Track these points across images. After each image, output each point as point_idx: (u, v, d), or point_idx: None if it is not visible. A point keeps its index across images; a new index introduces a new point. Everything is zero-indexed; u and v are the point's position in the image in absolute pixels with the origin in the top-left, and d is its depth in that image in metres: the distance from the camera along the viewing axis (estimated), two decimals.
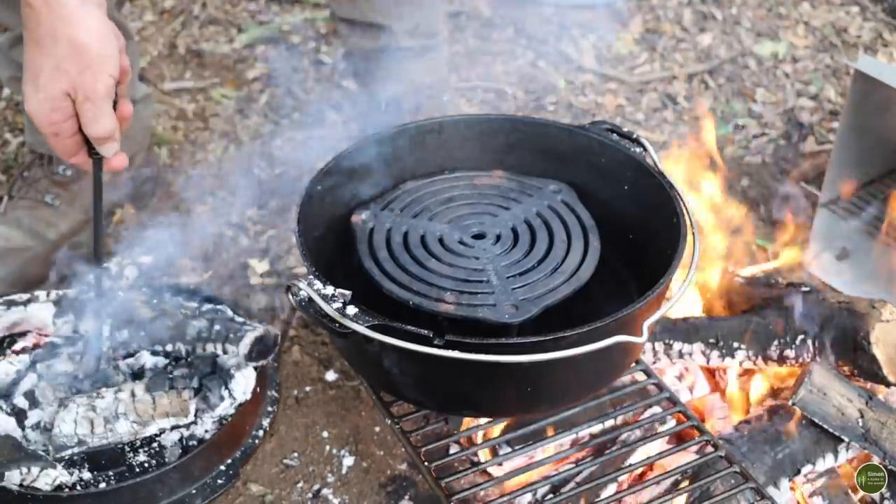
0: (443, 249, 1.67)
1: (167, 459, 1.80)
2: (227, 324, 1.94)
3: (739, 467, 1.65)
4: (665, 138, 2.86)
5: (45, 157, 2.35)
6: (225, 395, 1.87)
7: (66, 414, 1.75)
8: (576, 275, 1.63)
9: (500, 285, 1.59)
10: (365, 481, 1.93)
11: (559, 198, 1.79)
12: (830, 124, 2.93)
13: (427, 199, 1.80)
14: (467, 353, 1.38)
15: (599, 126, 1.82)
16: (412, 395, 1.60)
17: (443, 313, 1.51)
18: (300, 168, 2.69)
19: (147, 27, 3.28)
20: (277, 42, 3.23)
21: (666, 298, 1.57)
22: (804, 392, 1.75)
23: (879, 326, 1.80)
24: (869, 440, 1.74)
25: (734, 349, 1.91)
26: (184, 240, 2.45)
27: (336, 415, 2.04)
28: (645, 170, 1.73)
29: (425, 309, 1.51)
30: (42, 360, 1.91)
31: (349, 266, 1.77)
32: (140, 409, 1.79)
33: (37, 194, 2.34)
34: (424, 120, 1.86)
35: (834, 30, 3.36)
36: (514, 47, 3.26)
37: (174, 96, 3.00)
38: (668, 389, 1.78)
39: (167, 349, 1.93)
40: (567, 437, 1.72)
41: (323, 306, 1.41)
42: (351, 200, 1.78)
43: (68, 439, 1.73)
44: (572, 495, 1.66)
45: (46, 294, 2.01)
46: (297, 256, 2.44)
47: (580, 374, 1.54)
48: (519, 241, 1.70)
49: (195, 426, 1.85)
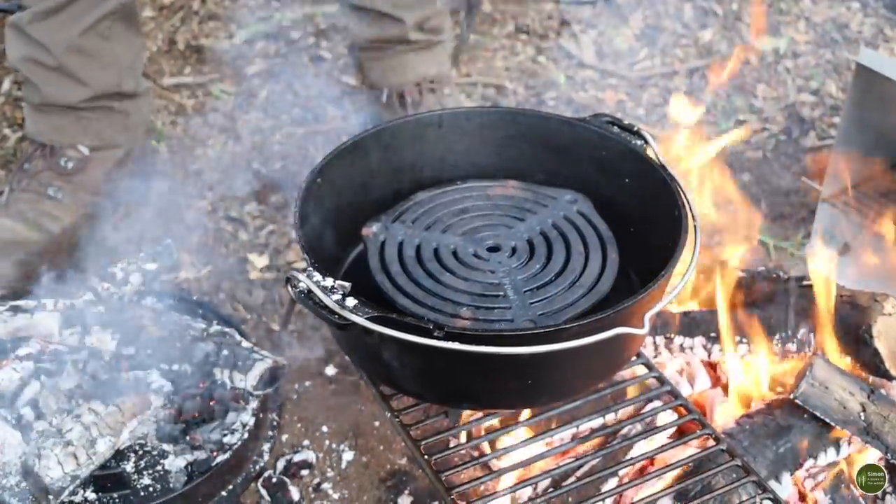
0: (457, 263, 1.64)
1: (172, 485, 1.79)
2: (234, 349, 1.92)
3: (741, 461, 1.64)
4: (666, 133, 2.85)
5: (46, 148, 2.35)
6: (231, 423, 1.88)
7: (47, 461, 1.72)
8: (595, 288, 1.60)
9: (518, 300, 1.56)
10: (365, 476, 1.92)
11: (575, 208, 1.76)
12: (831, 119, 2.92)
13: (439, 210, 1.77)
14: (467, 345, 1.38)
15: (600, 119, 1.81)
16: (412, 387, 1.59)
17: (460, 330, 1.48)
18: (300, 163, 2.69)
19: (146, 23, 3.27)
20: (277, 38, 3.23)
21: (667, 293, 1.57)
22: (806, 386, 1.74)
23: (881, 320, 1.80)
24: (871, 434, 1.73)
25: (735, 343, 1.90)
26: (184, 235, 2.46)
27: (336, 409, 2.04)
28: (646, 162, 1.72)
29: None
30: (47, 369, 1.90)
31: (349, 260, 1.77)
32: (110, 421, 1.78)
33: (39, 186, 2.33)
34: (424, 113, 1.85)
35: (835, 25, 3.35)
36: (515, 42, 3.26)
37: (174, 92, 2.99)
38: (669, 383, 1.77)
39: (174, 369, 1.92)
40: (568, 430, 1.72)
41: (322, 298, 1.40)
42: (351, 194, 1.77)
43: (62, 481, 1.72)
44: (573, 489, 1.66)
45: (54, 303, 1.99)
46: (297, 251, 2.44)
47: (581, 366, 1.54)
48: (535, 254, 1.67)
49: (200, 452, 1.84)
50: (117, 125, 2.38)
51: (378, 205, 1.77)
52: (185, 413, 1.89)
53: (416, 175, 1.84)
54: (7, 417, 1.82)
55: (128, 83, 2.35)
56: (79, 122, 2.33)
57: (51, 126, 2.34)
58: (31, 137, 2.40)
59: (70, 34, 2.24)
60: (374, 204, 1.77)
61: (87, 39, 2.25)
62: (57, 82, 2.29)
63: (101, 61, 2.29)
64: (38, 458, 1.72)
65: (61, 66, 2.26)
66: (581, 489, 1.67)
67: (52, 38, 2.24)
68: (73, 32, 2.24)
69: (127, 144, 2.41)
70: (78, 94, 2.30)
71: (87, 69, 2.29)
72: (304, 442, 1.98)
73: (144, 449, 1.84)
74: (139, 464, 1.82)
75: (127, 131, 2.41)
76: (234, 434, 1.87)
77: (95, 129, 2.35)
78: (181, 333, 1.94)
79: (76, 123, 2.33)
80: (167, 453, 1.84)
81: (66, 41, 2.24)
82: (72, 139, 2.34)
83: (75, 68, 2.27)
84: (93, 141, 2.35)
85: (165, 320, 1.97)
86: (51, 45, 2.25)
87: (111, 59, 2.30)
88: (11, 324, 1.95)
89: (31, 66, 2.29)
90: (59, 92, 2.30)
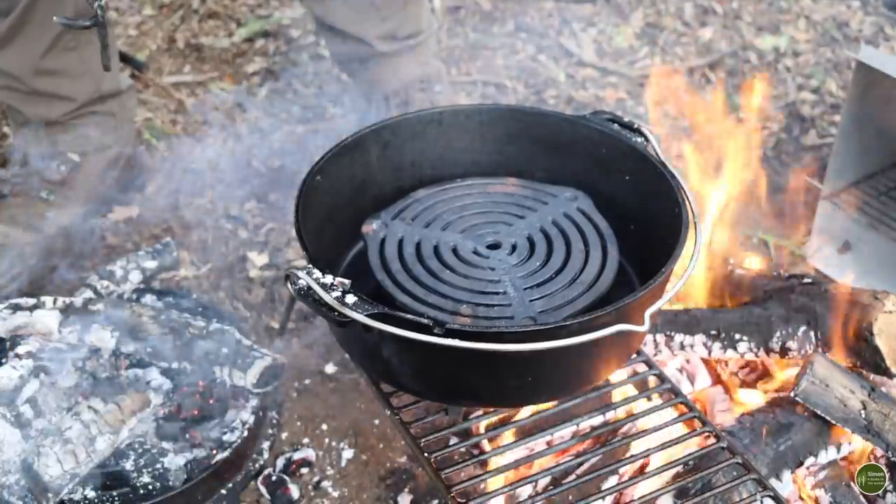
0: (457, 260, 1.64)
1: (172, 483, 1.79)
2: (234, 347, 1.92)
3: (741, 459, 1.64)
4: (666, 132, 2.85)
5: (37, 157, 2.34)
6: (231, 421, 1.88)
7: (47, 459, 1.72)
8: (595, 285, 1.60)
9: (518, 297, 1.56)
10: (364, 474, 1.92)
11: (575, 205, 1.76)
12: (832, 117, 2.92)
13: (439, 207, 1.76)
14: (467, 342, 1.37)
15: (600, 116, 1.80)
16: (412, 385, 1.59)
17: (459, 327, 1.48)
18: (299, 161, 2.69)
19: (146, 21, 3.27)
20: (277, 36, 3.23)
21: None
22: (806, 384, 1.73)
23: (882, 317, 1.79)
24: (871, 432, 1.73)
25: (736, 341, 1.90)
26: (183, 233, 2.45)
27: (335, 407, 2.04)
28: (646, 159, 1.72)
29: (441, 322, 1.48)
30: (46, 367, 1.90)
31: (349, 257, 1.76)
32: (110, 419, 1.78)
33: (31, 190, 2.33)
34: (425, 110, 1.84)
35: (835, 24, 3.35)
36: (515, 41, 3.25)
37: (173, 90, 2.99)
38: (669, 381, 1.76)
39: (173, 366, 1.92)
40: (568, 428, 1.71)
41: (322, 295, 1.40)
42: (351, 191, 1.77)
43: (62, 479, 1.72)
44: (573, 487, 1.65)
45: (53, 300, 1.98)
46: (297, 249, 2.44)
47: (581, 363, 1.53)
48: (535, 251, 1.67)
49: (199, 450, 1.84)
50: (105, 127, 2.37)
51: (378, 202, 1.77)
52: (184, 411, 1.89)
53: (417, 172, 1.84)
54: (6, 415, 1.81)
55: (107, 84, 2.32)
56: (66, 133, 2.33)
57: (38, 139, 2.34)
58: (21, 149, 2.40)
59: (32, 59, 2.21)
60: (374, 201, 1.77)
61: (51, 59, 2.23)
62: (36, 104, 2.29)
63: (72, 74, 2.27)
64: (37, 456, 1.72)
65: (35, 91, 2.25)
66: (581, 487, 1.66)
67: (15, 66, 2.23)
68: (34, 56, 2.21)
69: (118, 143, 2.41)
70: (59, 109, 2.30)
71: (61, 86, 2.27)
72: (304, 440, 1.98)
73: (144, 447, 1.84)
74: (139, 462, 1.82)
75: (115, 131, 2.40)
76: (233, 432, 1.87)
77: (83, 135, 2.34)
78: (181, 331, 1.94)
79: (63, 134, 2.33)
80: (167, 451, 1.83)
81: (31, 66, 2.22)
82: (60, 148, 2.34)
83: (49, 88, 2.26)
84: (82, 147, 2.35)
85: (165, 318, 1.97)
86: (17, 73, 2.23)
87: (83, 67, 2.27)
88: (11, 321, 1.95)
89: (7, 93, 2.29)
90: (41, 111, 2.30)
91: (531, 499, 1.60)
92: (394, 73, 2.56)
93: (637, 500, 1.60)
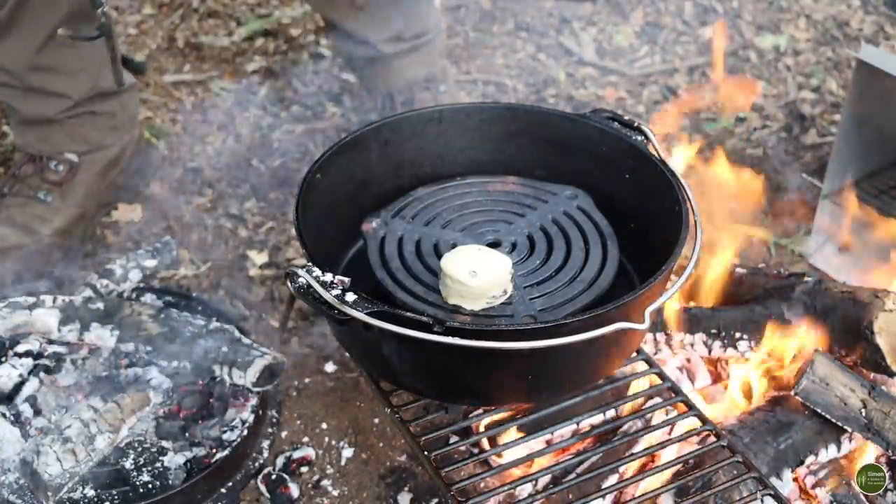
0: None
1: (171, 482, 1.79)
2: (233, 346, 1.92)
3: (742, 457, 1.64)
4: (666, 131, 2.85)
5: (35, 158, 2.33)
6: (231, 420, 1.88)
7: (46, 458, 1.71)
8: (595, 283, 1.60)
9: (518, 295, 1.56)
10: (364, 472, 1.92)
11: (575, 204, 1.76)
12: (832, 116, 2.92)
13: (439, 206, 1.76)
14: (467, 340, 1.37)
15: (600, 114, 1.80)
16: (412, 383, 1.59)
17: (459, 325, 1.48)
18: (299, 160, 2.69)
19: (146, 20, 3.27)
20: (277, 35, 3.22)
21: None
22: (806, 382, 1.73)
23: (883, 316, 1.79)
24: (872, 430, 1.73)
25: (736, 339, 1.90)
26: (183, 232, 2.45)
27: (335, 406, 2.03)
28: (646, 158, 1.72)
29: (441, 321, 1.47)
30: (46, 366, 1.90)
31: (349, 255, 1.76)
32: (109, 418, 1.78)
33: (29, 191, 2.32)
34: (424, 108, 1.84)
35: (835, 23, 3.35)
36: (515, 40, 3.25)
37: (173, 89, 2.98)
38: (669, 379, 1.76)
39: (173, 365, 1.92)
40: (568, 426, 1.71)
41: (322, 293, 1.40)
42: (351, 190, 1.77)
43: (61, 477, 1.72)
44: (573, 485, 1.65)
45: (52, 299, 1.98)
46: (297, 248, 2.44)
47: (581, 361, 1.53)
48: (535, 250, 1.67)
49: (199, 449, 1.84)
50: (104, 127, 2.35)
51: (378, 200, 1.77)
52: (184, 410, 1.89)
53: (416, 171, 1.84)
54: (6, 414, 1.82)
55: (106, 81, 2.25)
56: (63, 131, 2.31)
57: (36, 137, 2.33)
58: (19, 148, 2.39)
59: (27, 54, 2.19)
60: (374, 200, 1.77)
61: (46, 55, 2.20)
62: (31, 101, 2.27)
63: (68, 71, 2.25)
64: (36, 455, 1.72)
65: (30, 87, 2.24)
66: (581, 485, 1.67)
67: (10, 62, 2.21)
68: (29, 52, 2.19)
69: (117, 143, 2.39)
70: (56, 106, 2.27)
71: (56, 83, 2.25)
72: (304, 439, 1.98)
73: (143, 446, 1.84)
74: (138, 461, 1.82)
75: (115, 131, 2.37)
76: (233, 431, 1.87)
77: (81, 135, 2.32)
78: (180, 330, 1.94)
79: (61, 132, 2.31)
80: (166, 450, 1.83)
81: (25, 62, 2.20)
82: (58, 148, 2.32)
83: (44, 84, 2.24)
84: (80, 147, 2.33)
85: (164, 317, 1.97)
86: (12, 69, 2.22)
87: (79, 65, 2.24)
88: (10, 320, 1.95)
89: (2, 90, 2.27)
90: (37, 108, 2.28)
91: (531, 497, 1.60)
92: (400, 73, 2.56)
93: (637, 498, 1.60)
